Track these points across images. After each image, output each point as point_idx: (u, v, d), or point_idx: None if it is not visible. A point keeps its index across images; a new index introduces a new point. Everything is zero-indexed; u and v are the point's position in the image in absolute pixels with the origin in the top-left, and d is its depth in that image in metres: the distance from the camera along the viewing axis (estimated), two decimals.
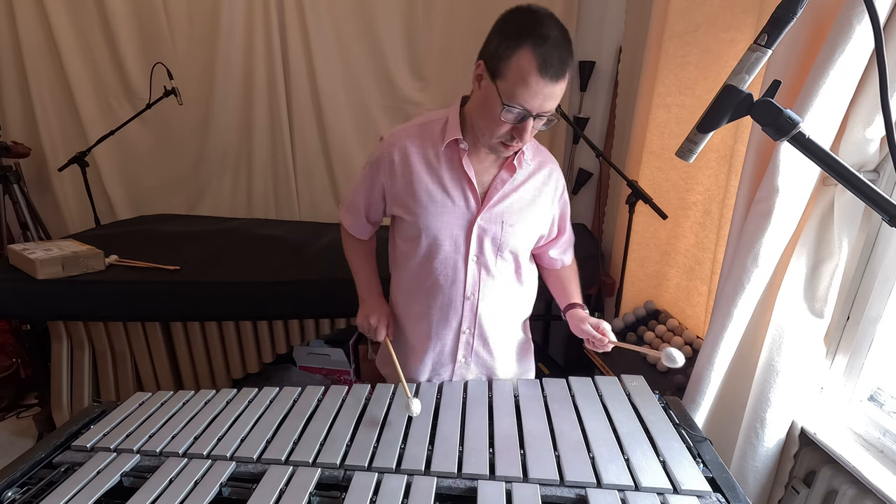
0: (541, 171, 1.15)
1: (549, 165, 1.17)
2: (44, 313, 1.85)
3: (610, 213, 2.50)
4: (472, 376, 1.24)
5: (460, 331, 1.18)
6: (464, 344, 1.20)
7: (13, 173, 2.37)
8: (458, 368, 1.23)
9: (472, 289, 1.14)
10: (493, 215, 1.10)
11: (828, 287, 1.22)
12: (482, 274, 1.14)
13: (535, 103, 0.93)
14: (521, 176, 1.12)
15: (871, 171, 1.16)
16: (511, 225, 1.11)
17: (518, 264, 1.18)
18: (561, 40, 0.91)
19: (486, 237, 1.11)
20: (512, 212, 1.11)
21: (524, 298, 1.26)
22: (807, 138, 0.63)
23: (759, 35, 0.63)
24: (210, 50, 2.51)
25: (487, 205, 1.09)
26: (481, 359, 1.23)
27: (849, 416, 1.27)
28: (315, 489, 0.86)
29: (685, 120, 1.80)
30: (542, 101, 0.93)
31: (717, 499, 0.83)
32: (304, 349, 2.32)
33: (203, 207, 2.79)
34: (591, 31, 2.50)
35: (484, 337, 1.20)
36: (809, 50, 1.12)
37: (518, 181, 1.12)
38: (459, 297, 1.14)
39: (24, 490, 0.91)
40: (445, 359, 1.22)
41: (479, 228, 1.10)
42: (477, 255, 1.12)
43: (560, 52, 0.90)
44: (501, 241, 1.12)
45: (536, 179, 1.14)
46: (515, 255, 1.16)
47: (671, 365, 1.01)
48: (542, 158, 1.16)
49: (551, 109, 0.96)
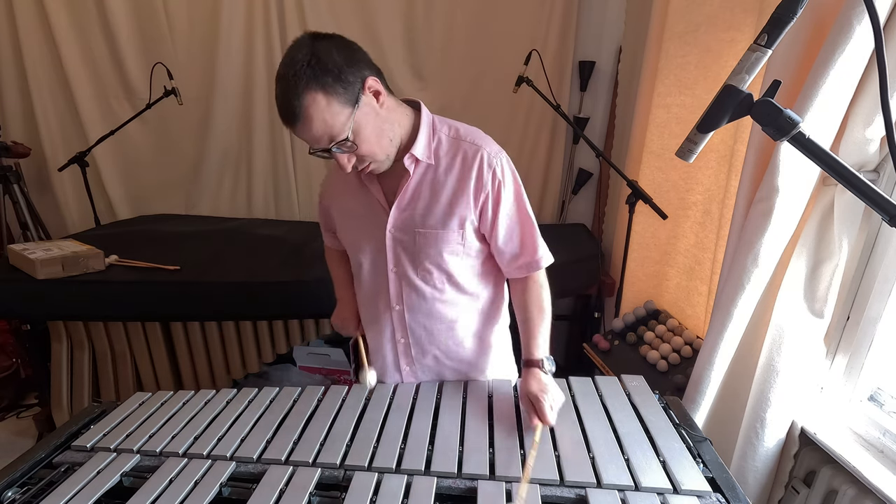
0: (455, 165, 1.03)
1: (474, 155, 1.02)
2: (44, 313, 1.85)
3: (610, 213, 2.50)
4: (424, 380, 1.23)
5: (396, 340, 1.18)
6: (403, 353, 1.19)
7: (13, 173, 2.37)
8: (405, 377, 1.22)
9: (395, 300, 1.13)
10: (404, 224, 1.06)
11: (828, 287, 1.22)
12: (403, 285, 1.11)
13: (309, 143, 0.92)
14: (429, 176, 1.04)
15: (871, 171, 1.16)
16: (424, 233, 1.05)
17: (448, 273, 1.09)
18: (290, 77, 0.85)
19: (400, 248, 1.08)
20: (423, 217, 1.04)
21: (475, 310, 1.17)
22: (807, 138, 0.63)
23: (759, 35, 0.63)
24: (210, 50, 2.51)
25: (392, 212, 1.06)
26: (427, 367, 1.20)
27: (849, 416, 1.27)
28: (315, 489, 0.86)
29: (685, 120, 1.80)
30: (309, 141, 0.91)
31: (717, 499, 0.83)
32: (304, 349, 2.32)
33: (203, 207, 2.79)
34: (591, 31, 2.50)
35: (422, 346, 1.17)
36: (809, 50, 1.12)
37: (425, 182, 1.04)
38: (386, 307, 1.15)
39: (24, 490, 0.91)
40: (391, 368, 1.22)
41: (391, 239, 1.08)
42: (394, 266, 1.10)
43: (284, 93, 0.86)
44: (416, 251, 1.07)
45: (451, 175, 1.03)
46: (439, 263, 1.08)
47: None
48: (462, 149, 1.03)
49: (331, 138, 0.90)
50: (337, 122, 0.89)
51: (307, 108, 0.86)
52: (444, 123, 1.07)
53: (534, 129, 2.64)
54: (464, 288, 1.13)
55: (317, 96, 0.86)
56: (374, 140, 0.95)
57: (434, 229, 1.05)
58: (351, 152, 0.94)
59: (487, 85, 2.55)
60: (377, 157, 0.98)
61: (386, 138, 0.98)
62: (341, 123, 0.89)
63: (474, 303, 1.16)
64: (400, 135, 1.01)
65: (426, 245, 1.06)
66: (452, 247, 1.07)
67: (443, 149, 1.04)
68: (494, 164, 1.03)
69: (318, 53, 0.86)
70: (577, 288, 2.22)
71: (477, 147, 1.04)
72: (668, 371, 1.68)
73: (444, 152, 1.04)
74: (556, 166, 2.71)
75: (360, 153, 0.95)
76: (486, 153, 1.03)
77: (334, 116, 0.88)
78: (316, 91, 0.85)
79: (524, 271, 1.12)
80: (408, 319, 1.14)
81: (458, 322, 1.16)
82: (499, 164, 1.04)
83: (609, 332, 1.98)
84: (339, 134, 0.90)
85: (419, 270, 1.09)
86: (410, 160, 1.02)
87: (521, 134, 2.66)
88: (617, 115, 2.45)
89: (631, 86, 2.23)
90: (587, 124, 2.61)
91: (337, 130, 0.89)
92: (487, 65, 2.51)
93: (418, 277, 1.10)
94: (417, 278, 1.10)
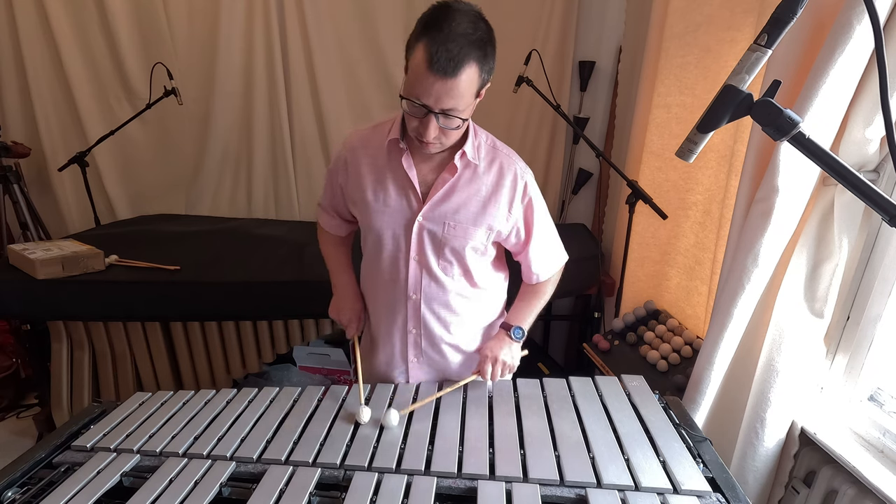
0: (492, 171, 1.10)
1: (508, 167, 1.11)
2: (44, 313, 1.85)
3: (610, 213, 2.50)
4: (424, 377, 1.24)
5: (407, 330, 1.19)
6: (412, 343, 1.20)
7: (13, 173, 2.37)
8: (411, 369, 1.23)
9: (413, 288, 1.15)
10: (436, 215, 1.09)
11: (828, 287, 1.22)
12: (423, 274, 1.14)
13: (429, 99, 0.92)
14: (468, 175, 1.09)
15: (871, 171, 1.16)
16: (453, 226, 1.09)
17: (466, 267, 1.15)
18: (461, 32, 0.87)
19: (427, 237, 1.11)
20: (455, 212, 1.09)
21: (481, 303, 1.23)
22: (807, 138, 0.63)
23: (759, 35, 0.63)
24: (210, 50, 2.51)
25: (428, 204, 1.09)
26: (433, 360, 1.23)
27: (849, 416, 1.27)
28: (315, 489, 0.86)
29: (685, 120, 1.80)
30: (436, 98, 0.92)
31: (717, 499, 0.83)
32: (304, 349, 2.32)
33: (203, 207, 2.79)
34: (591, 31, 2.50)
35: (432, 338, 1.20)
36: (809, 50, 1.12)
37: (464, 181, 1.09)
38: (402, 295, 1.16)
39: (24, 490, 0.91)
40: (398, 358, 1.23)
41: (419, 228, 1.10)
42: (417, 254, 1.12)
43: (454, 46, 0.87)
44: (442, 241, 1.10)
45: (487, 179, 1.10)
46: (461, 256, 1.13)
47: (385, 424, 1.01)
48: (499, 159, 1.11)
49: (453, 107, 0.93)
50: (468, 97, 0.94)
51: (464, 67, 0.89)
52: (482, 131, 1.14)
53: (534, 129, 2.64)
54: (477, 283, 1.18)
55: (475, 67, 0.91)
56: (462, 128, 1.02)
57: (464, 225, 1.10)
58: (447, 127, 0.98)
59: None
60: (452, 139, 1.04)
61: (463, 130, 1.05)
62: (469, 99, 0.95)
63: (483, 297, 1.23)
64: (462, 133, 1.07)
65: (453, 238, 1.10)
66: (476, 244, 1.13)
67: (482, 153, 1.11)
68: (526, 178, 1.12)
69: (491, 35, 0.94)
70: (577, 288, 2.22)
71: (511, 160, 1.12)
72: (668, 371, 1.68)
73: (482, 156, 1.11)
74: (556, 166, 2.71)
75: (450, 132, 1.00)
76: (518, 168, 1.12)
77: (471, 91, 0.94)
78: (477, 63, 0.91)
79: (550, 268, 1.23)
80: (423, 310, 1.17)
81: (470, 315, 1.21)
82: (529, 181, 1.13)
83: (609, 332, 1.98)
84: (463, 107, 0.95)
85: (441, 261, 1.13)
86: (461, 157, 1.07)
87: (521, 134, 2.66)
88: (617, 115, 2.45)
89: (631, 86, 2.23)
90: (587, 124, 2.61)
91: (464, 104, 0.95)
92: None
93: (439, 268, 1.13)
94: (438, 268, 1.13)
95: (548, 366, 2.41)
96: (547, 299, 1.26)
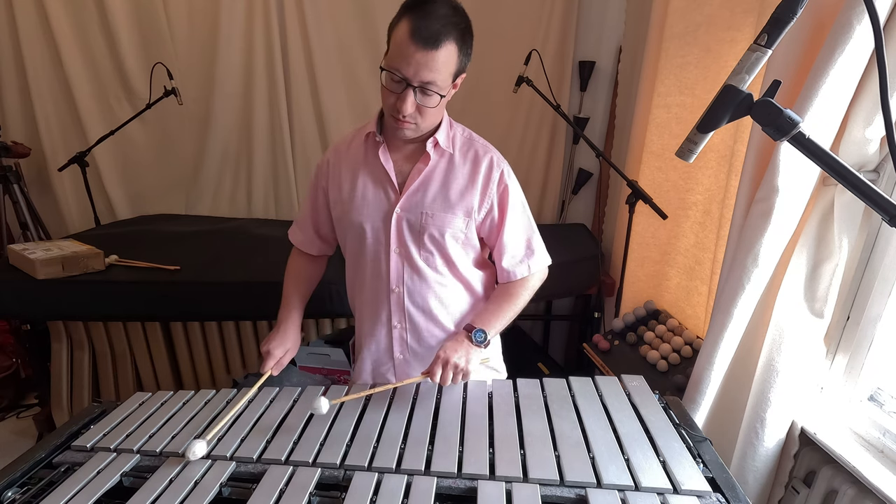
0: (468, 160, 1.13)
1: (484, 154, 1.14)
2: (44, 313, 1.85)
3: (610, 213, 2.50)
4: (413, 375, 1.23)
5: (391, 325, 1.19)
6: (398, 339, 1.21)
7: (13, 173, 2.37)
8: (398, 366, 1.23)
9: (395, 281, 1.16)
10: (413, 205, 1.12)
11: (828, 287, 1.22)
12: (405, 266, 1.15)
13: (409, 71, 0.96)
14: (444, 165, 1.13)
15: (871, 171, 1.16)
16: (431, 214, 1.11)
17: (448, 257, 1.15)
18: (442, 14, 0.93)
19: (406, 227, 1.12)
20: (433, 200, 1.12)
21: (467, 297, 1.23)
22: (807, 138, 0.63)
23: (759, 35, 0.63)
24: (210, 50, 2.51)
25: (405, 195, 1.11)
26: (419, 356, 1.22)
27: (849, 416, 1.27)
28: (315, 489, 0.86)
29: (685, 120, 1.80)
30: (416, 69, 0.96)
31: (717, 499, 0.83)
32: (304, 349, 2.32)
33: (203, 207, 2.79)
34: (591, 31, 2.50)
35: (417, 332, 1.20)
36: (809, 50, 1.12)
37: (439, 170, 1.12)
38: (385, 289, 1.17)
39: (24, 490, 0.91)
40: (384, 356, 1.23)
41: (397, 219, 1.12)
42: (398, 246, 1.14)
43: (435, 22, 0.93)
44: (420, 230, 1.12)
45: (463, 167, 1.13)
46: (441, 245, 1.14)
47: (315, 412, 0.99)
48: (474, 148, 1.15)
49: (431, 80, 0.97)
50: (446, 74, 0.99)
51: (444, 41, 0.95)
52: (458, 125, 1.18)
53: (534, 129, 2.64)
54: (462, 274, 1.19)
55: (455, 46, 0.97)
56: (438, 110, 1.05)
57: (441, 212, 1.12)
58: (424, 105, 1.01)
59: (487, 85, 2.55)
60: (428, 122, 1.06)
61: (439, 115, 1.09)
62: (447, 77, 0.99)
63: (470, 290, 1.22)
64: (438, 120, 1.11)
65: (431, 226, 1.12)
66: (455, 232, 1.14)
67: (457, 143, 1.14)
68: (502, 167, 1.15)
69: (470, 26, 1.00)
70: (577, 288, 2.22)
71: (488, 150, 1.15)
72: (668, 371, 1.68)
73: (458, 146, 1.14)
74: (556, 166, 2.71)
75: (427, 110, 1.03)
76: (495, 157, 1.15)
77: (448, 69, 0.99)
78: (456, 43, 0.97)
79: (521, 273, 1.20)
80: (406, 303, 1.17)
81: (455, 308, 1.21)
82: (505, 169, 1.15)
83: (609, 332, 1.98)
84: (441, 84, 0.99)
85: (422, 252, 1.14)
86: (433, 144, 1.11)
87: (521, 134, 2.66)
88: (617, 115, 2.45)
89: (631, 86, 2.23)
90: (587, 124, 2.61)
91: (441, 80, 0.99)
92: (487, 65, 2.51)
93: (420, 259, 1.14)
94: (420, 259, 1.14)
95: (548, 366, 2.41)
96: (520, 306, 1.20)
